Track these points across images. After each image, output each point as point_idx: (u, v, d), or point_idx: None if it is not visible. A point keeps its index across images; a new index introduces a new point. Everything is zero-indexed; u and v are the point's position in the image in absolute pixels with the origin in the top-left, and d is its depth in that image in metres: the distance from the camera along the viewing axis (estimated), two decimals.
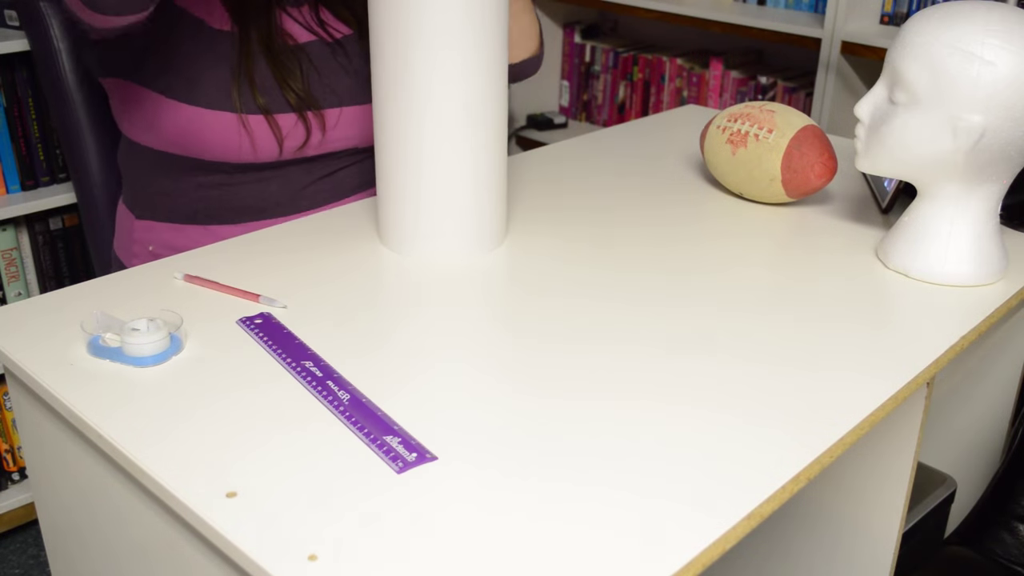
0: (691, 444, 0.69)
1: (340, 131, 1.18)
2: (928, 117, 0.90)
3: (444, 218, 0.96)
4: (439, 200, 0.95)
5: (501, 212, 1.00)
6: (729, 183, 1.16)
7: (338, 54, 1.19)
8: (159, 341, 0.78)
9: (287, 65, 1.14)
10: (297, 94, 1.14)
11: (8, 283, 1.73)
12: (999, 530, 1.23)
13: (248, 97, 1.11)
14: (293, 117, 1.14)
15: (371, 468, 0.66)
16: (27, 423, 0.85)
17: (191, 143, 1.12)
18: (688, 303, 0.90)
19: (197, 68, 1.11)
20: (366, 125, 1.21)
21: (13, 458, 1.80)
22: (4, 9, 1.61)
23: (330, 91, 1.17)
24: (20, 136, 1.66)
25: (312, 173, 1.20)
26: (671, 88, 2.52)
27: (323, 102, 1.16)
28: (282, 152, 1.14)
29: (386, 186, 0.98)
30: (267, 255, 0.98)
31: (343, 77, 1.18)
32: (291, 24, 1.17)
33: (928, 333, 0.86)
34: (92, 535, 0.81)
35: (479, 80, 0.92)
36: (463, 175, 0.95)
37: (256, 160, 1.14)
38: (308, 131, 1.15)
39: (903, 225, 0.98)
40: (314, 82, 1.16)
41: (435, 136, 0.93)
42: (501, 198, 0.99)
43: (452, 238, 0.97)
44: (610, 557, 0.58)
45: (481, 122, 0.94)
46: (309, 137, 1.15)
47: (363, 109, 1.19)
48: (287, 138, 1.14)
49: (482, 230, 0.98)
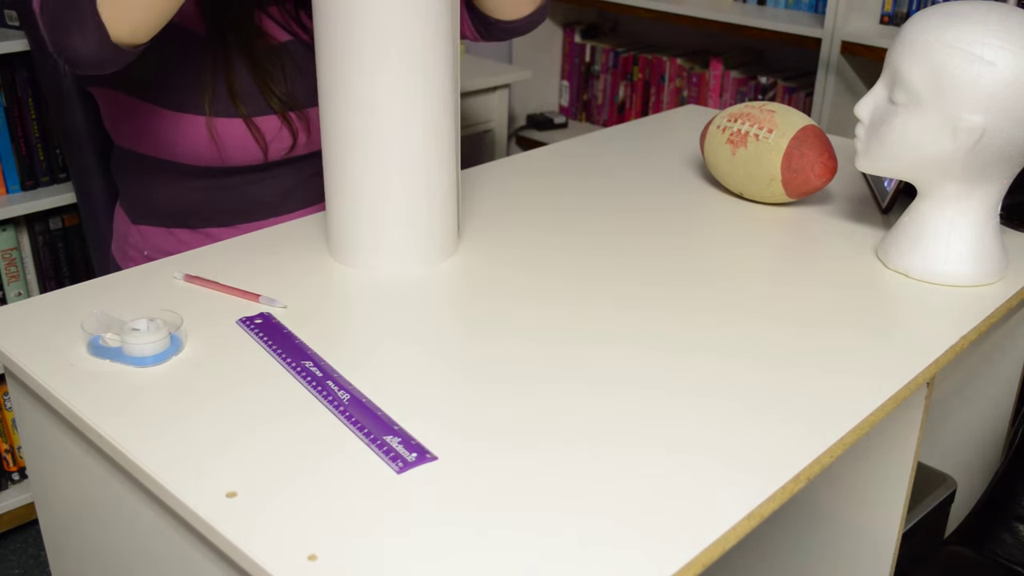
0: (691, 444, 0.69)
1: None
2: (928, 117, 0.90)
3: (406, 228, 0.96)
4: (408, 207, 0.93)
5: (450, 224, 0.98)
6: (729, 183, 1.16)
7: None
8: (159, 341, 0.78)
9: (269, 69, 1.12)
10: (279, 98, 1.12)
11: (8, 283, 1.73)
12: (999, 530, 1.23)
13: (226, 103, 1.10)
14: (276, 120, 1.13)
15: (371, 468, 0.66)
16: (27, 423, 0.85)
17: (165, 147, 1.12)
18: (688, 303, 0.90)
19: (167, 71, 1.10)
20: None
21: (13, 458, 1.80)
22: (4, 9, 1.61)
23: (313, 90, 1.16)
24: (20, 136, 1.66)
25: (302, 172, 1.20)
26: (671, 88, 2.52)
27: (306, 102, 1.16)
28: (267, 156, 1.14)
29: (333, 198, 0.95)
30: (267, 255, 0.98)
31: None
32: (270, 24, 1.16)
33: (928, 333, 0.86)
34: (92, 535, 0.81)
35: (424, 85, 0.89)
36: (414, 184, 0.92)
37: (239, 164, 1.14)
38: (294, 134, 1.14)
39: (903, 225, 0.98)
40: (296, 83, 1.15)
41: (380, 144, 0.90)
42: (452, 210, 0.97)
43: (414, 247, 0.96)
44: (610, 557, 0.58)
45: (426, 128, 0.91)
46: (296, 140, 1.15)
47: None
48: (272, 141, 1.13)
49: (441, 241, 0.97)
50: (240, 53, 1.11)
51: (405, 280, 0.93)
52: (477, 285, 0.93)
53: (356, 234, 0.94)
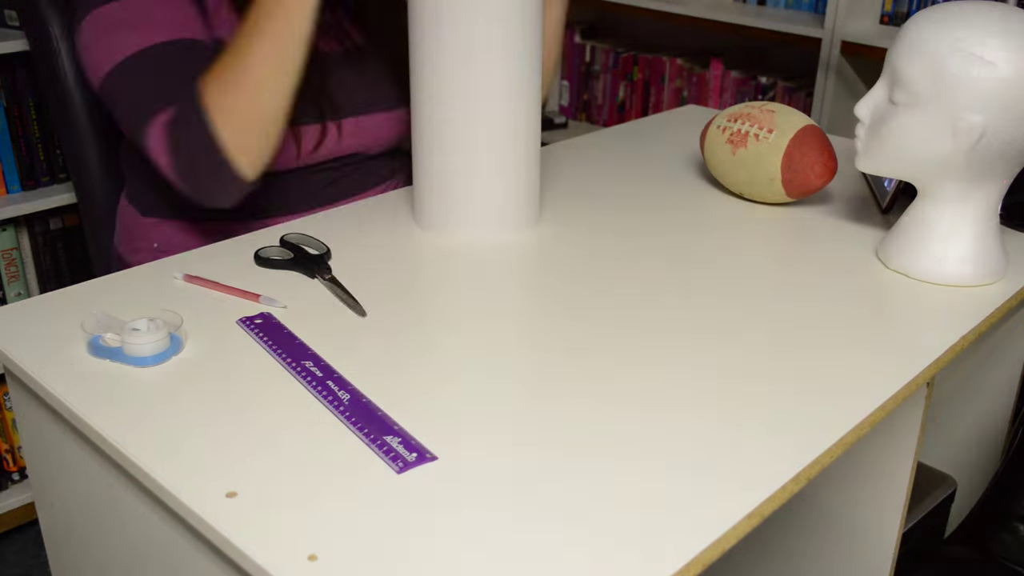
0: (691, 444, 0.69)
1: (355, 138, 1.18)
2: (928, 117, 0.90)
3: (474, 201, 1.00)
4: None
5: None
6: (729, 183, 1.16)
7: (356, 62, 1.19)
8: (159, 341, 0.78)
9: (311, 77, 1.12)
10: (319, 105, 1.13)
11: (8, 283, 1.73)
12: (999, 530, 1.23)
13: None
14: (316, 128, 1.14)
15: (371, 468, 0.66)
16: (27, 423, 0.85)
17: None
18: (687, 303, 0.90)
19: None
20: (378, 133, 1.21)
21: (13, 458, 1.80)
22: (4, 9, 1.61)
23: (348, 99, 1.17)
24: (20, 136, 1.66)
25: (317, 175, 1.20)
26: (671, 88, 2.52)
27: (344, 111, 1.16)
28: (299, 158, 1.15)
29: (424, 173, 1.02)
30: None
31: (361, 85, 1.18)
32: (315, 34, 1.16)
33: (928, 333, 0.86)
34: (92, 535, 0.81)
35: (514, 66, 0.95)
36: (491, 157, 0.99)
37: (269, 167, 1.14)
38: (322, 138, 1.15)
39: (903, 225, 0.98)
40: (335, 91, 1.16)
41: (470, 119, 0.96)
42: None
43: (485, 221, 1.02)
44: (611, 556, 0.58)
45: (515, 109, 0.98)
46: (321, 143, 1.15)
47: (378, 117, 1.19)
48: (305, 146, 1.14)
49: (511, 215, 0.97)
50: None
51: (404, 280, 0.93)
52: (475, 284, 0.93)
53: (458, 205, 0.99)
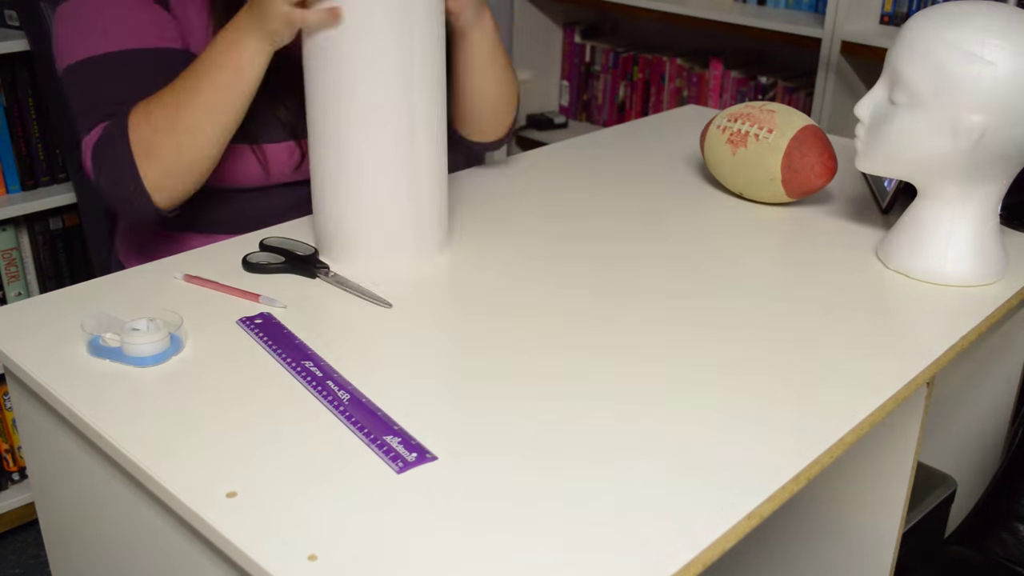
0: (691, 445, 0.69)
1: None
2: (928, 117, 0.90)
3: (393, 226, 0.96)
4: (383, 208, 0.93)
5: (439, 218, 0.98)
6: (729, 183, 1.16)
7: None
8: (159, 341, 0.78)
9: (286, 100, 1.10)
10: (287, 125, 1.10)
11: (8, 283, 1.73)
12: (999, 530, 1.23)
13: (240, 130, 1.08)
14: (285, 147, 1.11)
15: (371, 468, 0.66)
16: (27, 423, 0.85)
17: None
18: (687, 303, 0.90)
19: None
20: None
21: (13, 458, 1.80)
22: (4, 9, 1.61)
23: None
24: (20, 136, 1.66)
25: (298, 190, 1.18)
26: (671, 88, 2.52)
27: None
28: (269, 178, 1.13)
29: (321, 197, 0.95)
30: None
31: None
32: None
33: (928, 333, 0.86)
34: (92, 535, 0.81)
35: (405, 76, 0.89)
36: (397, 184, 0.93)
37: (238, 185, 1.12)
38: (299, 161, 1.13)
39: (903, 225, 0.98)
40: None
41: (364, 139, 0.90)
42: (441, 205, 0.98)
43: (404, 241, 0.96)
44: (610, 556, 0.58)
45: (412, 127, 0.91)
46: (300, 166, 1.13)
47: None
48: (274, 166, 1.11)
49: (429, 235, 0.97)
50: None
51: (402, 279, 0.93)
52: (475, 284, 0.93)
53: (343, 230, 0.94)
